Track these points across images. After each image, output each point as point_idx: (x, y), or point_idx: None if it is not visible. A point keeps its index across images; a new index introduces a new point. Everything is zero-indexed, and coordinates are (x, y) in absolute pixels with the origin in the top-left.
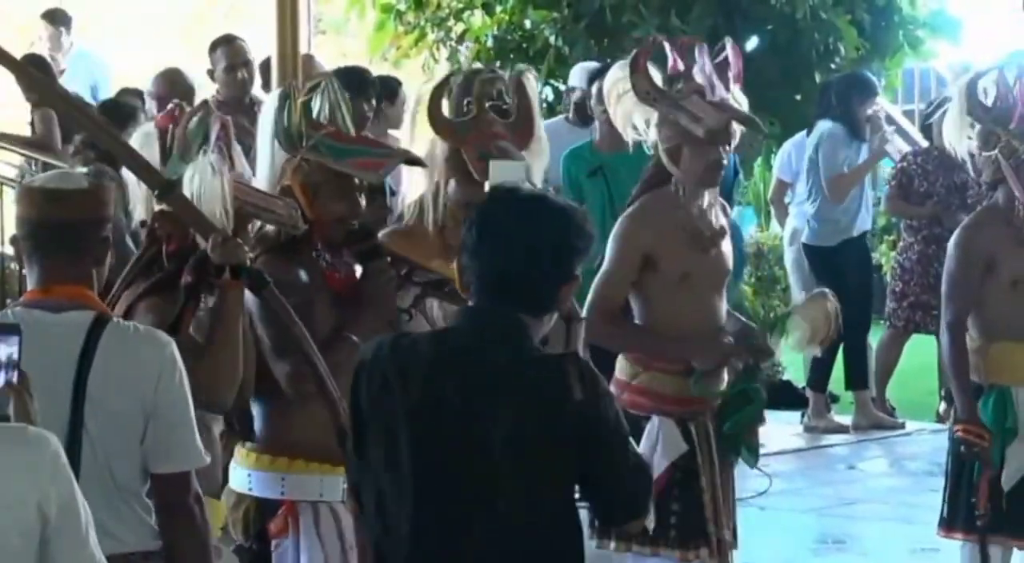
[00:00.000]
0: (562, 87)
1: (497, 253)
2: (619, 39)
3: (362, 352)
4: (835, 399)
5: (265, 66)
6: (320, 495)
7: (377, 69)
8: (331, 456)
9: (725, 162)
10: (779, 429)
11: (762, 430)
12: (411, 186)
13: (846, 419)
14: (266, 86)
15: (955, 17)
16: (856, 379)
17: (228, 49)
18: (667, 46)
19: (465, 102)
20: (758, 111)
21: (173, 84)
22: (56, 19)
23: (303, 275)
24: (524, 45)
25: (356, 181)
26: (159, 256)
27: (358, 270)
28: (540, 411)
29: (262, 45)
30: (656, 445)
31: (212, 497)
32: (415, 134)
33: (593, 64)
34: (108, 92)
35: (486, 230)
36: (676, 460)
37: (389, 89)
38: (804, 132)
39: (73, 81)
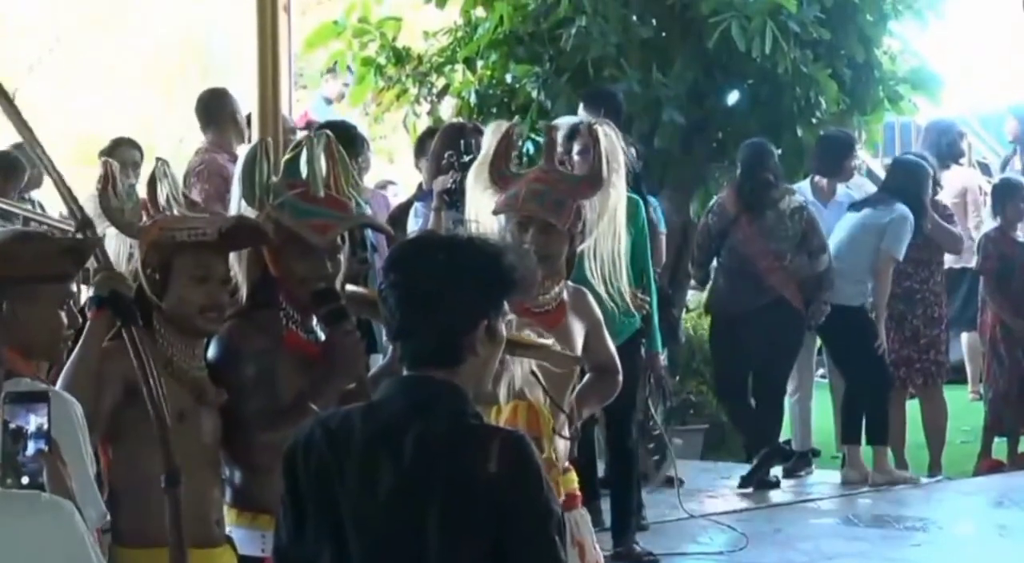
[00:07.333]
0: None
1: (400, 308)
2: None
3: (295, 435)
4: (816, 453)
5: (247, 122)
6: None
7: (358, 124)
8: None
9: None
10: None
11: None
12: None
13: (831, 474)
14: (248, 141)
15: (935, 74)
16: (876, 434)
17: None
18: None
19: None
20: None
21: None
22: None
23: (265, 342)
24: (506, 100)
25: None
26: None
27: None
28: (458, 485)
29: (243, 101)
30: None
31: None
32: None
33: (573, 118)
34: None
35: (389, 287)
36: None
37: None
38: None
39: None
